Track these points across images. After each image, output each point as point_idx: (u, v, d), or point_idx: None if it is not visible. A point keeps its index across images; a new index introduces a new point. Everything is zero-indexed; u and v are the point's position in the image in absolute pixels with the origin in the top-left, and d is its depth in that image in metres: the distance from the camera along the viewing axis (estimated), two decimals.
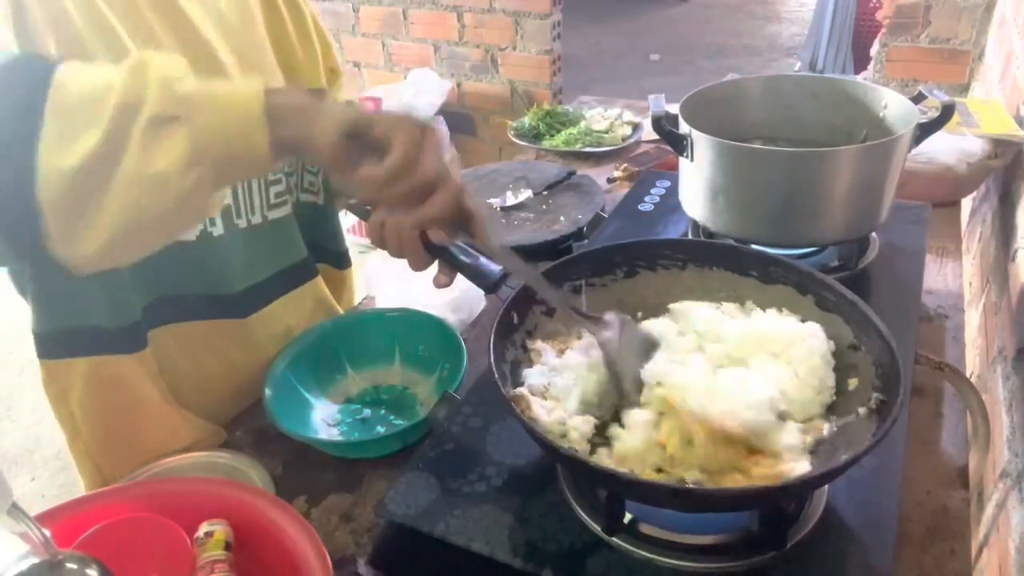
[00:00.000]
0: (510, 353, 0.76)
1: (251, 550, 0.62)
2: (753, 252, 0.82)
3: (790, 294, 0.78)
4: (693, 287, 0.83)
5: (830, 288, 0.74)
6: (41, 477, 2.32)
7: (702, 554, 0.65)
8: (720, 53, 5.77)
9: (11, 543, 0.50)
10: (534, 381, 0.75)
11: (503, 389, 0.69)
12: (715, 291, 0.82)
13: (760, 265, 0.80)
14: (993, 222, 1.18)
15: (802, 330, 0.73)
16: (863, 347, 0.71)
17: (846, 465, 0.58)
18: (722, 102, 1.13)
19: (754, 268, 0.81)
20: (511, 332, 0.78)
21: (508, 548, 0.66)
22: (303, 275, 1.02)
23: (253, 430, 0.94)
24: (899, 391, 0.62)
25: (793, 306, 0.77)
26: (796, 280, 0.78)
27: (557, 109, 1.87)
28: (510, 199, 1.37)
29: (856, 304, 0.71)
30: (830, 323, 0.74)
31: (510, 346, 0.77)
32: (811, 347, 0.71)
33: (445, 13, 3.07)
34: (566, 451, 0.64)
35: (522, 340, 0.79)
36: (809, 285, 0.77)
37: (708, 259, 0.83)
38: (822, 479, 0.65)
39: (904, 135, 0.95)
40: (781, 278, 0.79)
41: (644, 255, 0.84)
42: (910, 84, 2.28)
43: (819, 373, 0.70)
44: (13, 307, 0.87)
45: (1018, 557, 0.66)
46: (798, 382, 0.69)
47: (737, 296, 0.81)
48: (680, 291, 0.83)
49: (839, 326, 0.73)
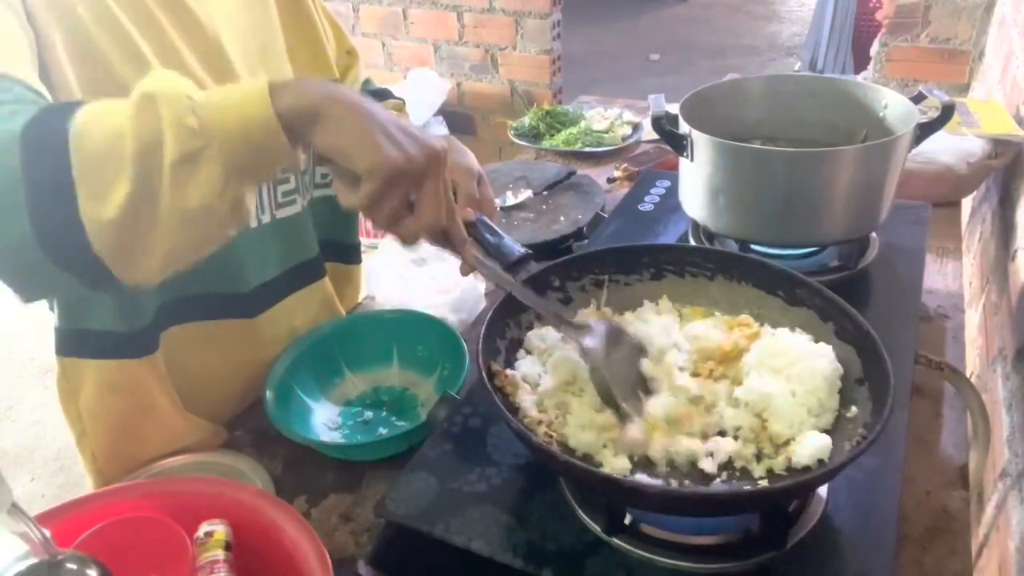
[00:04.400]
0: (511, 331, 0.76)
1: (251, 550, 0.62)
2: (782, 271, 0.80)
3: (812, 319, 0.76)
4: (718, 299, 0.82)
5: (851, 318, 0.72)
6: (41, 477, 2.32)
7: (702, 554, 0.65)
8: (720, 53, 5.76)
9: (11, 543, 0.50)
10: (527, 370, 0.75)
11: (481, 359, 0.69)
12: (739, 306, 0.81)
13: (788, 285, 0.79)
14: (993, 222, 1.18)
15: (810, 349, 0.72)
16: (867, 382, 0.69)
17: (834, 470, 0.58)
18: (722, 102, 1.12)
19: (781, 287, 0.79)
20: (517, 313, 0.78)
21: (508, 548, 0.66)
22: (313, 274, 1.02)
23: (253, 430, 0.94)
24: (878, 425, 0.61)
25: (813, 331, 0.76)
26: (820, 305, 0.76)
27: (557, 109, 1.87)
28: (510, 199, 1.37)
29: (869, 336, 0.69)
30: (845, 355, 0.72)
31: (512, 325, 0.76)
32: (815, 367, 0.69)
33: (445, 13, 3.07)
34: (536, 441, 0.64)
35: (528, 322, 0.79)
36: (831, 312, 0.74)
37: (737, 272, 0.82)
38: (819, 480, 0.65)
39: (904, 135, 0.95)
40: (806, 301, 0.77)
41: (674, 259, 0.84)
42: (910, 84, 2.28)
43: (819, 394, 0.68)
44: (14, 307, 0.88)
45: (1018, 557, 0.66)
46: (791, 400, 0.68)
47: (759, 315, 0.79)
48: (705, 301, 0.82)
49: (852, 357, 0.71)
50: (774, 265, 0.81)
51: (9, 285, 0.63)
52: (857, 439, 0.64)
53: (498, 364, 0.73)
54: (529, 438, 0.63)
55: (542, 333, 0.78)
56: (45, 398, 2.56)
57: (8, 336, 2.79)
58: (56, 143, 0.57)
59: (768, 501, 0.64)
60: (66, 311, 0.83)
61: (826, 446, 0.65)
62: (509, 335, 0.77)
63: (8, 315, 2.80)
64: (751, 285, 0.81)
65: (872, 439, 0.59)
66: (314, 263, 1.01)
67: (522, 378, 0.73)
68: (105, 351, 0.84)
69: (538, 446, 0.63)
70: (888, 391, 0.63)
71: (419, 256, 1.20)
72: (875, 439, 0.59)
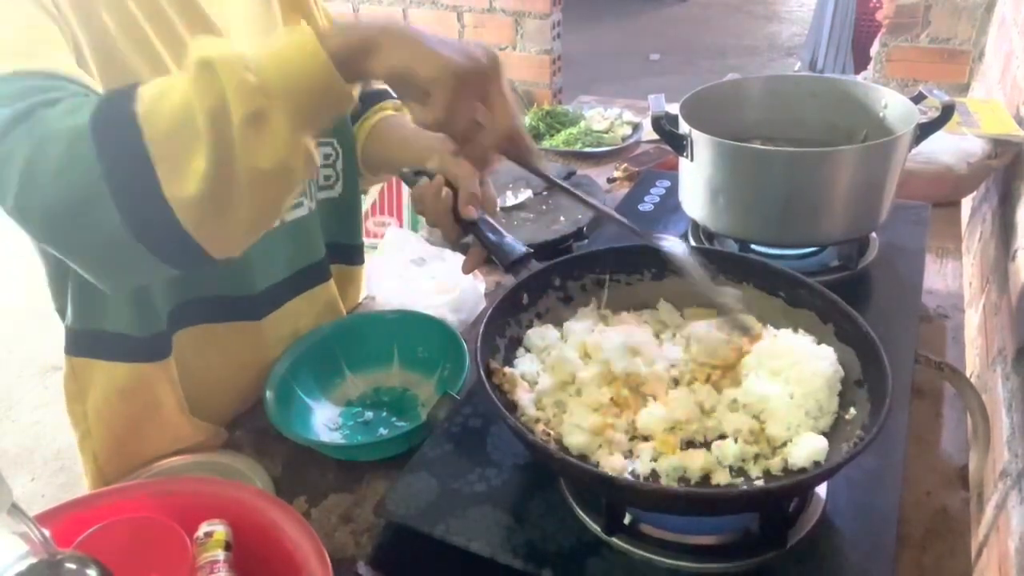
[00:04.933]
0: (511, 329, 0.76)
1: (251, 550, 0.62)
2: (784, 272, 0.80)
3: (813, 320, 0.76)
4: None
5: (851, 319, 0.72)
6: (41, 477, 2.32)
7: (702, 554, 0.65)
8: (720, 53, 5.76)
9: (11, 543, 0.50)
10: (526, 368, 0.75)
11: (479, 358, 0.69)
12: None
13: (789, 286, 0.79)
14: (993, 222, 1.18)
15: (811, 351, 0.71)
16: (866, 384, 0.69)
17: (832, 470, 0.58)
18: (722, 102, 1.12)
19: (783, 289, 0.79)
20: (517, 311, 0.78)
21: (508, 548, 0.66)
22: (318, 276, 1.02)
23: (253, 430, 0.94)
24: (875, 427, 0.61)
25: (814, 333, 0.75)
26: (820, 306, 0.76)
27: (557, 109, 1.87)
28: (510, 199, 1.36)
29: (869, 338, 0.69)
30: (844, 356, 0.72)
31: (512, 323, 0.77)
32: (815, 369, 0.69)
33: (445, 13, 3.07)
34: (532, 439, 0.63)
35: (528, 321, 0.79)
36: (832, 314, 0.74)
37: (739, 273, 0.81)
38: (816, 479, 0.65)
39: (904, 135, 0.95)
40: (807, 302, 0.77)
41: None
42: (910, 84, 2.28)
43: (818, 396, 0.68)
44: (14, 307, 0.88)
45: (1018, 557, 0.66)
46: (789, 402, 0.68)
47: (760, 317, 0.79)
48: (707, 301, 0.82)
49: (852, 359, 0.71)
50: (776, 266, 0.81)
51: (96, 277, 0.65)
52: (855, 440, 0.64)
53: (497, 362, 0.73)
54: (525, 435, 0.63)
55: (542, 331, 0.78)
56: (45, 398, 2.56)
57: (8, 336, 2.79)
58: (126, 129, 0.57)
59: (766, 501, 0.64)
60: (81, 312, 0.83)
61: (822, 448, 0.64)
62: (509, 333, 0.77)
63: (8, 315, 2.80)
64: (753, 286, 0.81)
65: (868, 441, 0.59)
66: (320, 265, 1.01)
67: (521, 376, 0.73)
68: (119, 354, 0.85)
69: (534, 443, 0.63)
70: (886, 394, 0.63)
71: (419, 256, 1.20)
72: (871, 441, 0.59)
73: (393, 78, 0.62)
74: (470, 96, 0.64)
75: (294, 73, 0.59)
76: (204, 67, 0.57)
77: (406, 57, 0.61)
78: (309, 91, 0.60)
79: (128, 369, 0.85)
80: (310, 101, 0.60)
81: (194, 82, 0.58)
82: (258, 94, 0.58)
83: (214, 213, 0.60)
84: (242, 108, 0.57)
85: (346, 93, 0.62)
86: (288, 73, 0.59)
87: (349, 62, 0.61)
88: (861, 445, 0.59)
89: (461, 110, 0.63)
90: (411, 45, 0.61)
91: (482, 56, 0.63)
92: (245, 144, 0.58)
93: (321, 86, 0.60)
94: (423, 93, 0.62)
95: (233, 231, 0.63)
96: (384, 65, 0.61)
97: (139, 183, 0.57)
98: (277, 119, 0.59)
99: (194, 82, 0.58)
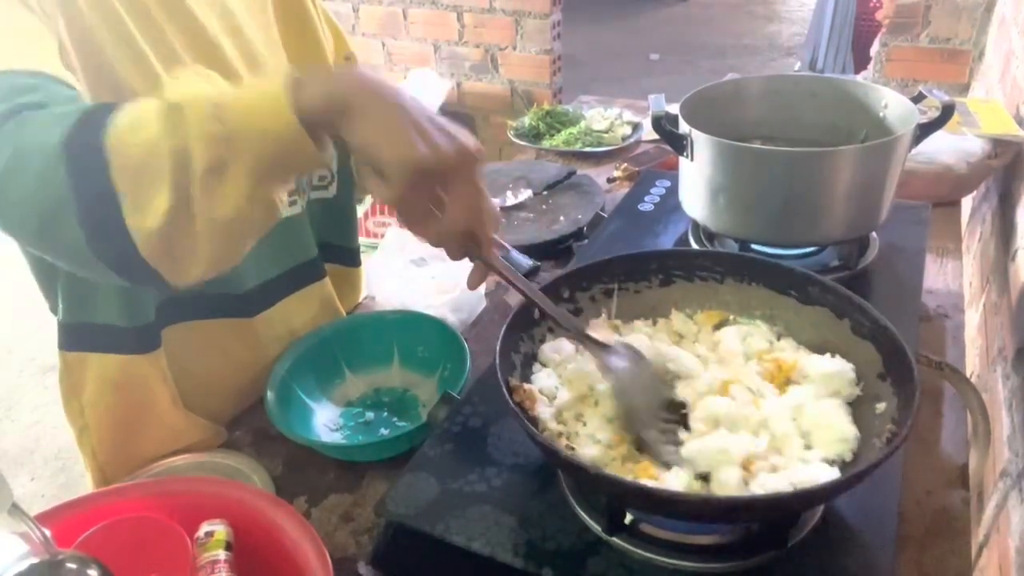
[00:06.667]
0: (525, 344, 0.76)
1: (251, 550, 0.62)
2: (794, 271, 0.79)
3: (827, 316, 0.76)
4: (729, 302, 0.82)
5: (866, 313, 0.72)
6: (41, 477, 2.32)
7: (703, 554, 0.65)
8: (720, 53, 5.76)
9: (11, 543, 0.50)
10: (544, 383, 0.74)
11: (500, 375, 0.68)
12: (752, 308, 0.81)
13: (799, 284, 0.78)
14: (993, 222, 1.18)
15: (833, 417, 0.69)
16: (889, 377, 0.68)
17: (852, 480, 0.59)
18: (722, 102, 1.12)
19: (794, 287, 0.79)
20: (529, 327, 0.77)
21: (508, 548, 0.66)
22: (312, 275, 1.02)
23: (253, 430, 0.94)
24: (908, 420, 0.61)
25: (829, 329, 0.75)
26: (834, 302, 0.75)
27: (557, 109, 1.87)
28: (510, 199, 1.37)
29: (888, 330, 0.69)
30: (863, 351, 0.72)
31: (525, 339, 0.76)
32: (835, 435, 0.67)
33: (445, 13, 3.07)
34: (565, 455, 0.64)
35: (541, 335, 0.79)
36: (846, 309, 0.74)
37: (747, 274, 0.81)
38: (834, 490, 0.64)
39: (904, 135, 0.95)
40: (819, 299, 0.77)
41: (682, 264, 0.84)
42: (910, 84, 2.28)
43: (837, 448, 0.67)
44: (13, 307, 0.88)
45: (1018, 557, 0.66)
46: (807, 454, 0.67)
47: (772, 316, 0.79)
48: (716, 304, 0.82)
49: (871, 353, 0.71)
50: (785, 265, 0.81)
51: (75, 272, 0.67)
52: (887, 435, 0.64)
53: (515, 379, 0.73)
54: (557, 453, 0.62)
55: (556, 345, 0.78)
56: (45, 398, 2.56)
57: (8, 336, 2.79)
58: (95, 158, 0.57)
59: (777, 510, 0.63)
60: (70, 305, 0.83)
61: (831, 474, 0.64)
62: (523, 349, 0.77)
63: (8, 315, 2.80)
64: (762, 286, 0.81)
65: (905, 436, 0.59)
66: (313, 264, 1.01)
67: (539, 391, 0.73)
68: (108, 345, 0.85)
69: (567, 461, 0.62)
70: (912, 381, 0.63)
71: (419, 256, 1.20)
72: (907, 435, 0.59)
73: (359, 148, 0.60)
74: (425, 192, 0.61)
75: (259, 128, 0.58)
76: (174, 110, 0.58)
77: (373, 134, 0.58)
78: (274, 150, 0.59)
79: (119, 361, 0.85)
80: (274, 158, 0.59)
81: (163, 124, 0.57)
82: (222, 145, 0.57)
83: (175, 247, 0.60)
84: (205, 156, 0.57)
85: (312, 154, 0.60)
86: (253, 126, 0.58)
87: (321, 122, 0.59)
88: (897, 440, 0.59)
89: (413, 202, 0.61)
90: (382, 117, 0.59)
91: (452, 150, 0.60)
92: (205, 191, 0.58)
93: (287, 146, 0.59)
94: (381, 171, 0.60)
95: (191, 266, 0.62)
96: (353, 135, 0.59)
97: (103, 210, 0.58)
98: (237, 171, 0.58)
99: (163, 124, 0.57)
